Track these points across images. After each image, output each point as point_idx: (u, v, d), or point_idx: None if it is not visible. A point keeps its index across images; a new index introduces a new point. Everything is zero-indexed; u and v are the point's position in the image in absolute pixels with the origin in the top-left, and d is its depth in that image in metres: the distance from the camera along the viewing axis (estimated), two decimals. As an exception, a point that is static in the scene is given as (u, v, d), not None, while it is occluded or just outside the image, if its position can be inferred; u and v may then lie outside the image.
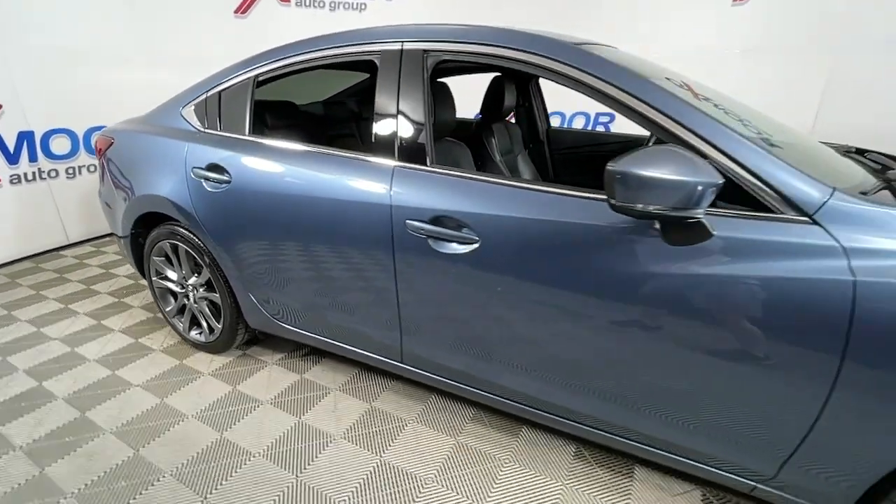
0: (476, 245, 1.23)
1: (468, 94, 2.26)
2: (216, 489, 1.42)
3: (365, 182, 1.40)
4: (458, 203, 1.25)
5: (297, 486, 1.43)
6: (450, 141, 1.77)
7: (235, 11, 4.35)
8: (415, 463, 1.50)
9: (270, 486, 1.43)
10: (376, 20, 4.93)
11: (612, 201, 0.94)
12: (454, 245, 1.26)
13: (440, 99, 1.56)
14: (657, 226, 1.02)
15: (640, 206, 0.92)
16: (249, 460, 1.53)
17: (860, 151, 1.60)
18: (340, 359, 2.04)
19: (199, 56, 3.22)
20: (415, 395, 1.83)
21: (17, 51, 3.10)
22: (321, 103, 2.51)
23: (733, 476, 1.14)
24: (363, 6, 4.92)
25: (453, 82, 1.82)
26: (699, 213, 0.94)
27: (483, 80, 2.09)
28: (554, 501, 1.35)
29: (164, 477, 1.46)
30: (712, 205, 1.01)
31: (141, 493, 1.40)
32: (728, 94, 1.53)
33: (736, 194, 1.00)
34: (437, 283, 1.34)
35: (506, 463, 1.49)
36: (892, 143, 3.40)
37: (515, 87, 2.11)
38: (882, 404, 0.90)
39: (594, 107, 4.93)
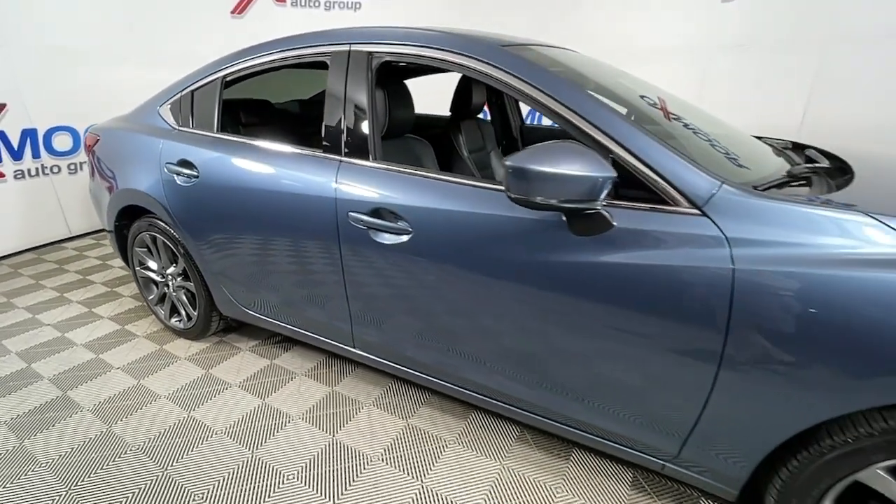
0: (409, 236, 1.31)
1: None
2: (177, 462, 1.52)
3: (315, 177, 1.49)
4: (394, 196, 1.33)
5: (251, 460, 1.52)
6: (411, 138, 1.84)
7: (232, 11, 4.47)
8: (364, 442, 1.59)
9: (227, 460, 1.53)
10: (370, 19, 5.02)
11: (510, 194, 1.01)
12: (391, 236, 1.34)
13: (395, 98, 1.63)
14: (565, 217, 1.08)
15: (536, 199, 0.99)
16: (212, 437, 1.63)
17: (798, 146, 1.64)
18: (310, 346, 2.13)
19: (196, 55, 3.32)
20: (375, 380, 1.92)
21: (20, 51, 3.26)
22: (297, 102, 2.60)
23: (644, 455, 1.20)
24: (358, 5, 5.00)
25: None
26: (596, 206, 1.01)
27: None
28: (490, 479, 1.43)
29: (131, 450, 1.57)
30: (617, 198, 1.08)
31: (109, 465, 1.52)
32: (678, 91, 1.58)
33: (639, 188, 1.06)
34: (377, 272, 1.42)
35: (450, 444, 1.57)
36: (880, 138, 3.40)
37: (486, 86, 2.17)
38: (762, 385, 0.96)
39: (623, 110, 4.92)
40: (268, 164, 1.62)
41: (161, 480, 1.45)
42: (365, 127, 1.44)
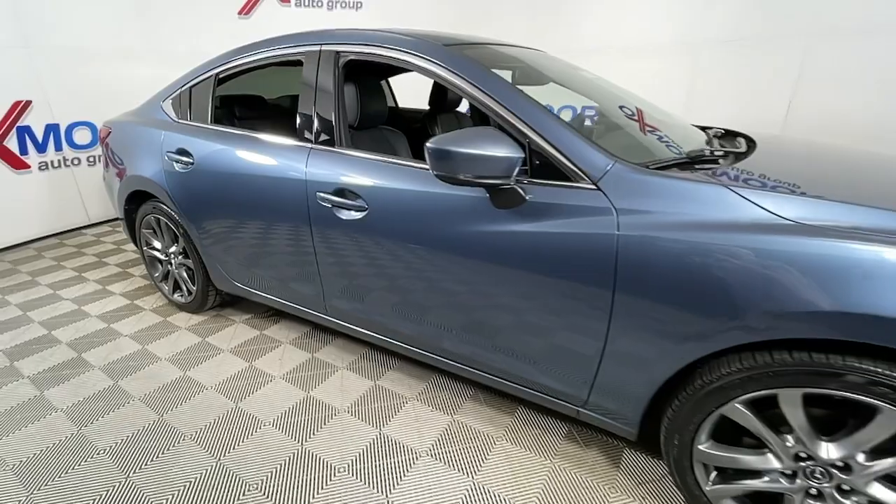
0: (366, 212, 1.50)
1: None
2: (171, 411, 1.75)
3: (290, 162, 1.69)
4: (353, 177, 1.53)
5: (234, 410, 1.75)
6: (386, 129, 2.03)
7: (239, 12, 4.71)
8: (334, 397, 1.80)
9: (215, 411, 1.75)
10: (372, 17, 5.22)
11: (433, 172, 1.19)
12: (351, 212, 1.54)
13: (367, 93, 1.80)
14: (487, 193, 1.26)
15: (457, 176, 1.17)
16: (202, 392, 1.86)
17: (731, 133, 1.78)
18: (296, 318, 2.35)
19: (205, 54, 3.55)
20: (348, 348, 2.13)
21: (43, 52, 3.54)
22: (289, 97, 2.81)
23: (563, 402, 1.38)
24: (359, 4, 5.20)
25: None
26: (510, 182, 1.19)
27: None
28: (441, 429, 1.62)
29: (133, 401, 1.81)
30: (534, 176, 1.25)
31: (114, 411, 1.75)
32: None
33: (550, 168, 1.23)
34: (341, 244, 1.62)
35: (409, 400, 1.77)
36: (864, 131, 3.46)
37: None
38: (642, 334, 1.12)
39: (579, 101, 5.05)
40: (252, 152, 1.83)
41: (157, 424, 1.68)
42: (333, 118, 1.64)
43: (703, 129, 1.97)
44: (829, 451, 1.01)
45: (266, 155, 1.78)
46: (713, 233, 1.02)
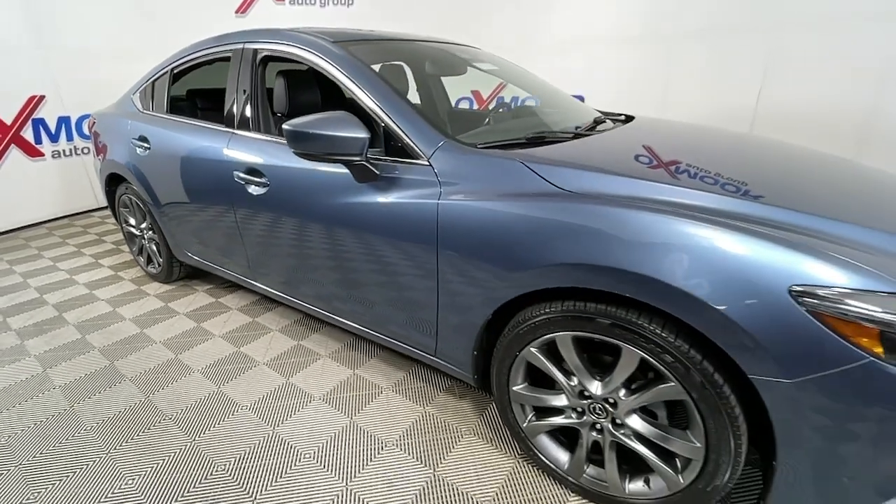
0: (268, 188, 1.74)
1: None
2: (122, 359, 2.05)
3: (216, 146, 1.94)
4: (260, 158, 1.76)
5: (174, 361, 2.03)
6: None
7: (236, 11, 5.03)
8: (263, 354, 2.06)
9: (157, 359, 2.04)
10: (363, 14, 5.44)
11: (292, 150, 1.41)
12: (259, 188, 1.77)
13: (296, 86, 2.00)
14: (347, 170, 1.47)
15: (311, 153, 1.38)
16: (151, 345, 2.16)
17: (630, 118, 1.96)
18: (248, 290, 2.63)
19: None
20: (286, 314, 2.39)
21: (55, 51, 3.95)
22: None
23: (421, 353, 1.58)
24: (350, 2, 5.43)
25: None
26: (360, 159, 1.39)
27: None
28: (342, 378, 1.85)
29: (92, 350, 2.12)
30: (388, 154, 1.45)
31: (75, 358, 2.07)
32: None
33: (400, 148, 1.42)
34: (254, 217, 1.86)
35: (321, 357, 2.01)
36: (831, 120, 3.45)
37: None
38: (459, 287, 1.31)
39: (566, 90, 5.14)
40: (192, 137, 2.09)
41: (108, 368, 1.98)
42: (250, 106, 1.88)
43: (608, 114, 2.12)
44: (599, 388, 1.18)
45: (201, 140, 2.04)
46: (507, 200, 1.20)
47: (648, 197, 1.08)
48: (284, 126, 1.38)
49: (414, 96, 2.85)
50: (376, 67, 1.89)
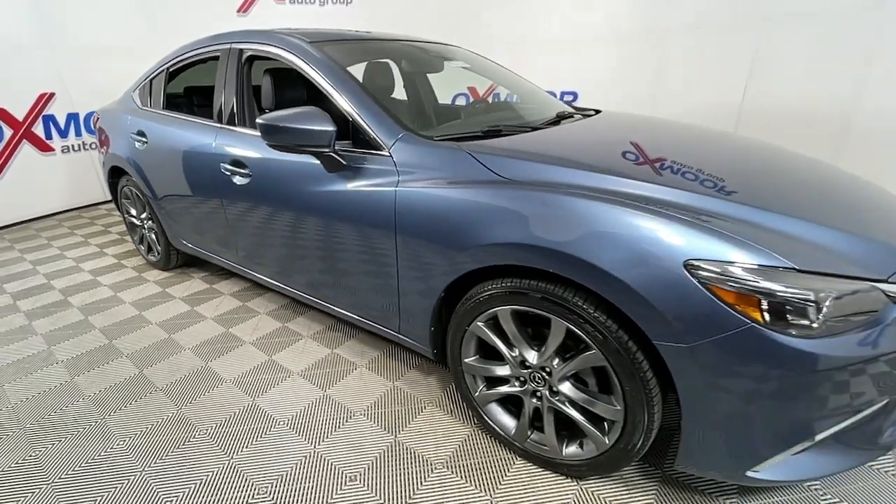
0: (250, 178, 1.87)
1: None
2: (120, 338, 2.21)
3: (206, 139, 2.08)
4: (243, 150, 1.90)
5: (168, 340, 2.18)
6: None
7: (238, 10, 5.19)
8: (250, 335, 2.20)
9: (151, 339, 2.20)
10: (361, 12, 5.57)
11: (266, 143, 1.54)
12: (243, 179, 1.91)
13: (282, 83, 2.14)
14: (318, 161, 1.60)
15: (283, 145, 1.51)
16: (147, 326, 2.31)
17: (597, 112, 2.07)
18: (240, 276, 2.77)
19: None
20: (274, 298, 2.53)
21: (64, 51, 4.13)
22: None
23: (388, 331, 1.70)
24: (349, 0, 5.56)
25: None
26: (328, 151, 1.51)
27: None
28: (322, 356, 1.99)
29: (94, 330, 2.29)
30: (356, 146, 1.57)
31: (77, 337, 2.23)
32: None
33: (366, 140, 1.54)
34: (239, 205, 2.00)
35: (300, 338, 2.15)
36: (818, 116, 3.50)
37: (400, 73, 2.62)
38: (414, 268, 1.43)
39: (558, 86, 5.25)
40: (184, 131, 2.24)
41: (107, 348, 2.14)
42: (235, 102, 2.01)
43: (580, 109, 2.22)
44: (535, 358, 1.30)
45: (193, 134, 2.18)
46: (455, 187, 1.31)
47: (574, 183, 1.19)
48: (258, 120, 1.51)
49: (400, 92, 2.98)
50: (361, 66, 2.03)
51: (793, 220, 1.09)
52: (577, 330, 1.15)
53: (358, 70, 2.19)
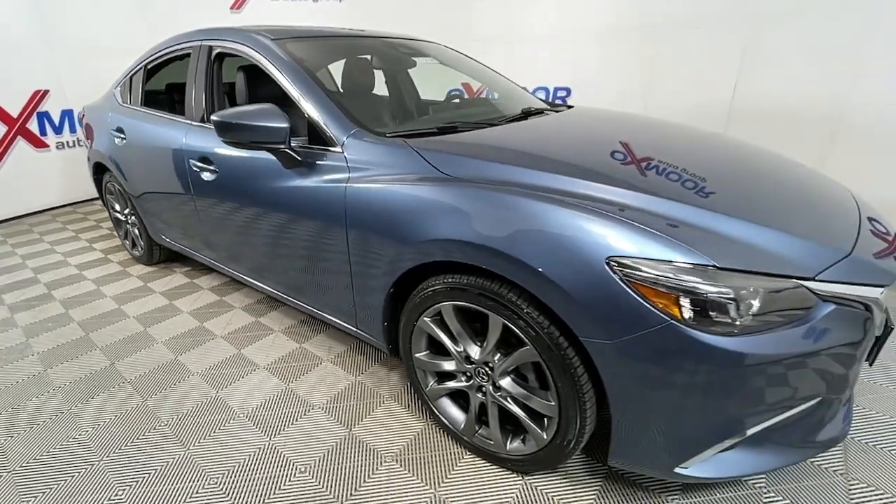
0: (217, 174, 1.89)
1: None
2: (97, 331, 2.25)
3: (178, 136, 2.11)
4: (210, 148, 1.92)
5: (143, 334, 2.22)
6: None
7: (231, 7, 5.21)
8: (223, 329, 2.24)
9: (126, 332, 2.24)
10: (352, 8, 5.57)
11: (221, 139, 1.55)
12: (210, 175, 1.93)
13: (256, 82, 2.16)
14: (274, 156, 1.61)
15: (237, 141, 1.53)
16: (125, 319, 2.36)
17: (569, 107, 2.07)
18: (220, 273, 2.81)
19: None
20: (251, 293, 2.56)
21: (59, 49, 4.18)
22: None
23: (347, 326, 1.72)
24: (341, -5, 5.55)
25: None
26: (283, 147, 1.53)
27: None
28: (290, 349, 2.01)
29: (72, 323, 2.33)
30: (311, 143, 1.58)
31: (57, 329, 2.28)
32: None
33: (322, 137, 1.56)
34: (208, 200, 2.02)
35: (271, 333, 2.18)
36: (807, 111, 3.45)
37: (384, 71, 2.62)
38: (365, 263, 1.44)
39: (553, 82, 5.22)
40: (159, 127, 2.26)
41: (83, 340, 2.18)
42: (205, 100, 2.03)
43: (554, 105, 2.22)
44: (478, 353, 1.31)
45: (167, 131, 2.21)
46: (401, 183, 1.32)
47: (510, 179, 1.20)
48: (213, 117, 1.53)
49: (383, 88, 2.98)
50: (338, 63, 2.05)
51: (726, 218, 1.09)
52: (511, 326, 1.16)
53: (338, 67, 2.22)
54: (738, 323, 0.95)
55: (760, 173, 1.45)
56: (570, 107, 2.22)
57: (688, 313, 0.94)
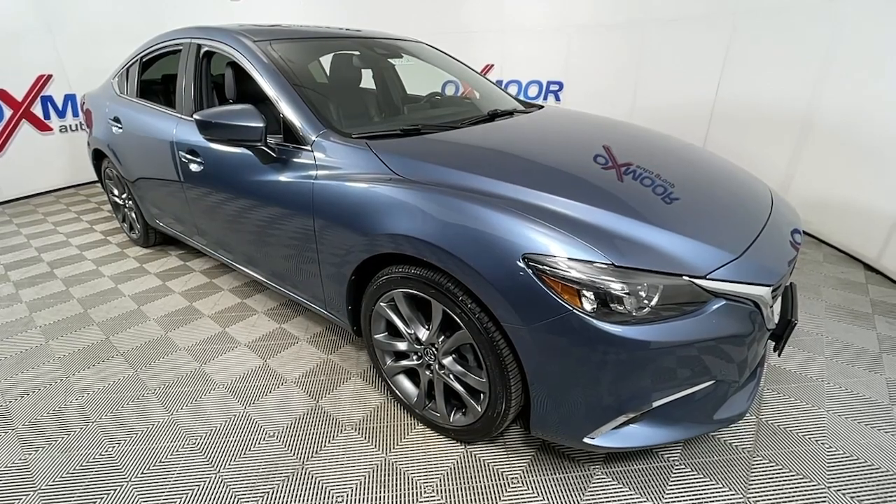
0: (203, 166, 2.05)
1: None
2: (96, 307, 2.44)
3: (169, 128, 2.25)
4: (196, 140, 2.06)
5: (136, 311, 2.40)
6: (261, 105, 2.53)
7: (231, -4, 5.30)
8: (210, 309, 2.41)
9: (122, 309, 2.42)
10: (345, 2, 5.62)
11: (203, 136, 1.70)
12: (197, 167, 2.08)
13: (242, 78, 2.29)
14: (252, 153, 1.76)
15: (217, 138, 1.68)
16: (120, 298, 2.54)
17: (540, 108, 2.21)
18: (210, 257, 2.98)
19: None
20: (239, 277, 2.73)
21: (63, 35, 4.31)
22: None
23: (319, 308, 1.88)
24: (340, -14, 5.61)
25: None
26: (259, 145, 1.67)
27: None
28: (270, 329, 2.19)
29: (72, 300, 2.52)
30: (286, 141, 1.73)
31: (56, 306, 2.46)
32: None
33: (295, 136, 1.70)
34: (196, 190, 2.18)
35: (254, 314, 2.35)
36: (791, 110, 3.54)
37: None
38: (329, 252, 1.60)
39: (545, 76, 5.30)
40: (152, 119, 2.41)
41: (82, 316, 2.37)
42: (193, 94, 2.18)
43: (528, 105, 2.34)
44: (425, 335, 1.47)
45: (160, 122, 2.35)
46: (359, 181, 1.47)
47: (454, 183, 1.34)
48: (194, 116, 1.68)
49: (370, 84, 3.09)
50: (326, 60, 2.18)
51: (630, 221, 1.22)
52: (449, 312, 1.32)
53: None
54: (633, 314, 1.10)
55: (679, 174, 1.58)
56: (540, 107, 2.34)
57: (588, 305, 1.10)
